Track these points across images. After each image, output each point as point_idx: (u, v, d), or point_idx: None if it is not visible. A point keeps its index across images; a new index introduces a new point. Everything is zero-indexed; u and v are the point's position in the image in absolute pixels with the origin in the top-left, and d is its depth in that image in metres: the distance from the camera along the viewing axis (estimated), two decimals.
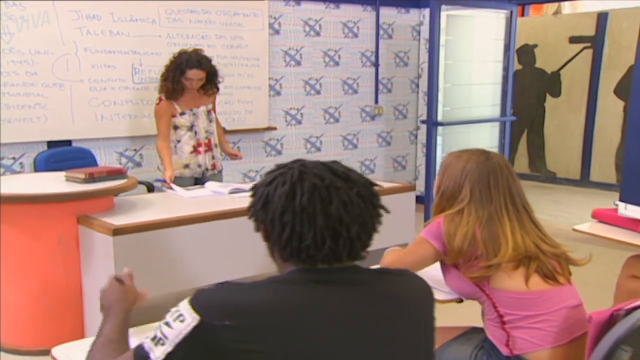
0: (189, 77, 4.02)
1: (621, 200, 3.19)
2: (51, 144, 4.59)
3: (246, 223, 1.39)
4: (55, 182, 3.37)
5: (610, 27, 7.17)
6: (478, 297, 2.02)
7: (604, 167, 7.40)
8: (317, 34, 5.83)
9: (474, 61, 5.89)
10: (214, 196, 3.73)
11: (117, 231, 2.99)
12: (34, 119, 4.48)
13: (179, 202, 3.63)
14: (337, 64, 6.00)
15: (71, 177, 3.36)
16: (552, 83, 7.57)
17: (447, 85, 5.76)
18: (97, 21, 4.67)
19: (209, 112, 4.27)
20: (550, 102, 7.67)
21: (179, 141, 4.18)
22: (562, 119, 7.62)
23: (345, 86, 6.09)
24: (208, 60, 4.12)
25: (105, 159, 4.84)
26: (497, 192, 2.03)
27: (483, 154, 2.10)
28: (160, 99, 4.13)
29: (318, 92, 5.90)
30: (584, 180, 7.57)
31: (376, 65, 6.24)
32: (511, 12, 5.79)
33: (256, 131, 5.54)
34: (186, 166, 4.19)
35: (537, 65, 7.67)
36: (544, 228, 2.09)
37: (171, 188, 3.88)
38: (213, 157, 4.31)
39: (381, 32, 6.23)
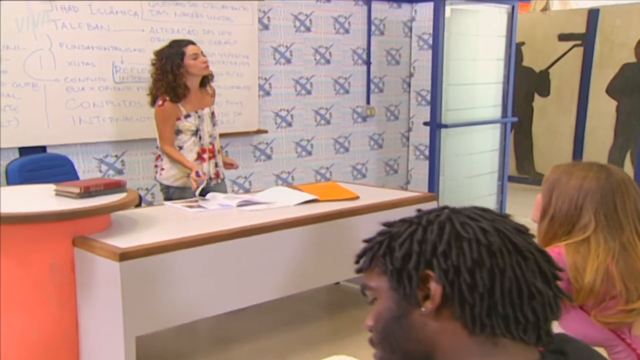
0: (191, 52, 3.61)
1: None
2: (23, 150, 4.07)
3: (263, 241, 1.08)
4: (44, 198, 2.89)
5: (601, 24, 6.99)
6: (611, 344, 1.67)
7: None
8: (308, 29, 5.45)
9: (473, 59, 5.59)
10: (222, 210, 3.31)
11: (125, 255, 2.55)
12: (4, 122, 3.96)
13: (183, 219, 3.20)
14: (328, 61, 5.63)
15: (63, 191, 2.88)
16: (540, 82, 7.36)
17: (445, 85, 5.45)
18: (73, 13, 4.17)
19: (212, 114, 3.84)
20: (538, 102, 7.46)
21: (181, 148, 3.73)
22: (551, 119, 7.42)
23: (337, 85, 5.72)
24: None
25: (84, 167, 4.34)
26: (625, 216, 1.70)
27: (602, 169, 1.76)
28: (163, 100, 3.66)
29: (309, 92, 5.52)
30: None
31: (368, 63, 5.89)
32: (513, 7, 5.51)
33: (246, 134, 5.12)
34: (190, 176, 3.75)
35: (525, 63, 7.44)
36: None
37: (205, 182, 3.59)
38: (217, 165, 3.87)
39: (373, 28, 5.88)
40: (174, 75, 3.58)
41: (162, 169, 3.80)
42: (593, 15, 7.06)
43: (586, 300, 1.64)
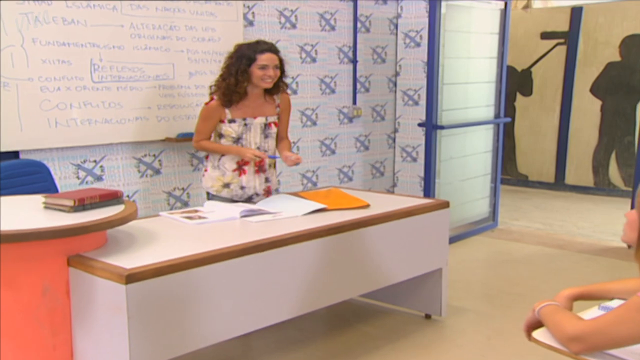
0: (262, 62, 3.33)
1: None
2: None
3: (278, 256, 0.87)
4: (31, 212, 2.56)
5: (585, 22, 6.92)
6: None
7: (580, 169, 7.16)
8: (293, 26, 5.18)
9: (466, 58, 5.41)
10: (225, 221, 3.02)
11: (132, 277, 2.25)
12: None
13: (185, 232, 2.89)
14: (314, 60, 5.37)
15: (54, 204, 2.55)
16: (523, 81, 7.25)
17: (440, 85, 5.25)
18: (47, 6, 3.81)
19: (267, 125, 3.53)
20: (521, 101, 7.35)
21: (222, 154, 3.43)
22: (534, 119, 7.32)
23: (323, 85, 5.47)
24: (276, 46, 3.49)
25: (60, 173, 3.99)
26: None
27: None
28: (211, 98, 3.44)
29: (295, 92, 5.25)
30: (559, 183, 7.31)
31: (354, 61, 5.65)
32: (505, 4, 5.35)
33: None
34: (226, 185, 3.47)
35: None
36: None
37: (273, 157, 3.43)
38: (267, 180, 3.57)
39: (359, 25, 5.65)
40: (237, 80, 3.34)
41: (206, 170, 3.60)
42: (576, 13, 6.99)
43: None
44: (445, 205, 3.55)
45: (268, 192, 3.60)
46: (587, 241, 5.28)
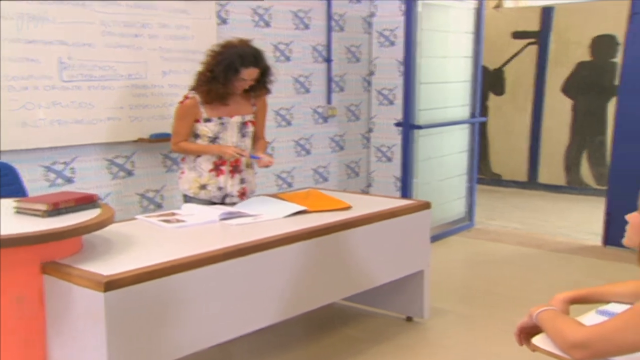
0: (242, 77, 3.27)
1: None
2: None
3: (261, 260, 0.83)
4: (2, 217, 2.43)
5: (556, 22, 6.97)
6: None
7: (552, 168, 7.21)
8: (267, 24, 5.09)
9: (442, 57, 5.39)
10: (204, 225, 2.93)
11: (111, 284, 2.15)
12: None
13: (163, 236, 2.79)
14: (288, 59, 5.29)
15: (26, 208, 2.43)
16: (495, 81, 7.27)
17: (417, 84, 5.22)
18: (12, 2, 3.66)
19: (244, 124, 3.43)
20: (493, 100, 7.37)
21: (198, 156, 3.32)
22: (506, 118, 7.35)
23: (297, 84, 5.39)
24: (262, 55, 3.41)
25: (29, 175, 3.83)
26: None
27: None
28: (186, 97, 3.34)
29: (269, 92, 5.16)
30: (532, 182, 7.35)
31: (329, 60, 5.58)
32: (480, 3, 5.34)
33: None
34: (203, 187, 3.36)
35: None
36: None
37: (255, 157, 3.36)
38: (243, 181, 3.47)
39: (332, 23, 5.58)
40: (225, 88, 3.28)
41: (182, 172, 3.49)
42: (547, 13, 7.03)
43: None
44: (427, 206, 3.50)
45: (243, 194, 3.50)
46: (564, 240, 5.30)
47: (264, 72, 3.42)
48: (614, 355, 1.50)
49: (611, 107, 6.65)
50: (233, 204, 3.39)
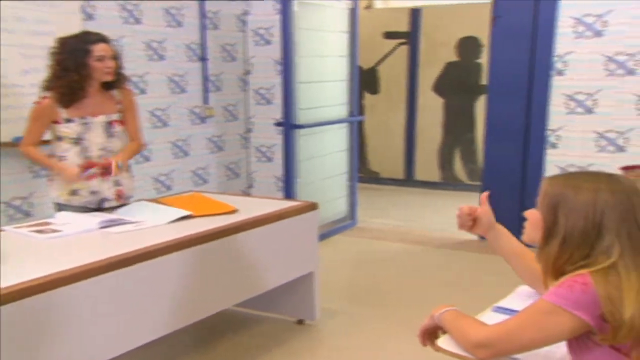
0: (98, 54, 2.99)
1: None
2: None
3: (147, 269, 0.74)
4: None
5: (424, 23, 7.17)
6: None
7: (427, 165, 7.42)
8: (137, 21, 4.82)
9: (319, 56, 5.36)
10: (83, 234, 2.68)
11: (7, 297, 1.90)
12: None
13: (37, 248, 2.52)
14: (161, 57, 5.04)
15: None
16: (369, 80, 7.37)
17: (296, 83, 5.15)
18: None
19: (109, 124, 3.14)
20: (368, 99, 7.47)
21: (63, 157, 3.04)
22: (382, 117, 7.48)
23: (172, 84, 5.15)
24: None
25: None
26: None
27: (612, 179, 1.51)
28: (43, 98, 3.04)
29: (143, 91, 4.89)
30: (409, 179, 7.52)
31: (204, 59, 5.39)
32: (355, 2, 5.36)
33: None
34: (74, 192, 3.05)
35: None
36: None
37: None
38: (117, 183, 3.18)
39: (207, 21, 5.40)
40: (80, 75, 2.98)
41: (50, 179, 3.19)
42: (415, 14, 7.23)
43: (626, 339, 1.37)
44: (314, 207, 3.43)
45: (120, 197, 3.26)
46: (444, 236, 5.43)
47: (116, 58, 3.16)
48: (516, 353, 1.51)
49: (479, 105, 6.95)
50: (112, 209, 3.14)
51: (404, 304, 3.90)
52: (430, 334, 1.73)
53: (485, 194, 1.90)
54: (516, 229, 1.82)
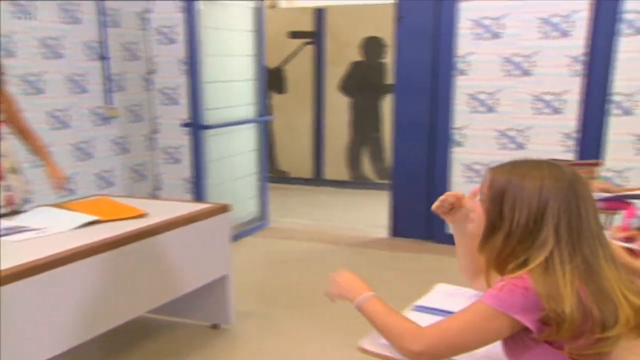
0: None
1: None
2: None
3: (52, 278, 0.72)
4: None
5: (330, 23, 7.22)
6: None
7: (336, 164, 7.47)
8: (30, 16, 4.57)
9: (225, 55, 5.28)
10: None
11: None
12: None
13: None
14: (59, 56, 4.81)
15: None
16: (275, 79, 7.34)
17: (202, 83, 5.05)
18: None
19: None
20: (276, 99, 7.44)
21: None
22: (290, 117, 7.47)
23: (71, 84, 4.92)
24: None
25: None
26: (587, 223, 1.42)
27: (553, 166, 1.46)
28: None
29: (40, 91, 4.65)
30: (318, 178, 7.55)
31: (105, 58, 5.19)
32: (261, 1, 5.32)
33: None
34: None
35: None
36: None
37: None
38: (8, 188, 2.96)
39: (107, 19, 5.19)
40: None
41: None
42: (320, 14, 7.27)
43: (567, 333, 1.35)
44: (226, 209, 3.36)
45: (10, 203, 3.07)
46: (356, 234, 5.47)
47: None
48: (456, 355, 1.48)
49: (385, 104, 7.07)
50: (2, 216, 2.95)
51: (319, 304, 3.89)
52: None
53: (475, 189, 1.78)
54: (424, 224, 1.83)
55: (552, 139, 4.68)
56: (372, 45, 7.07)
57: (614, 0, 4.30)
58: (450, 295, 2.00)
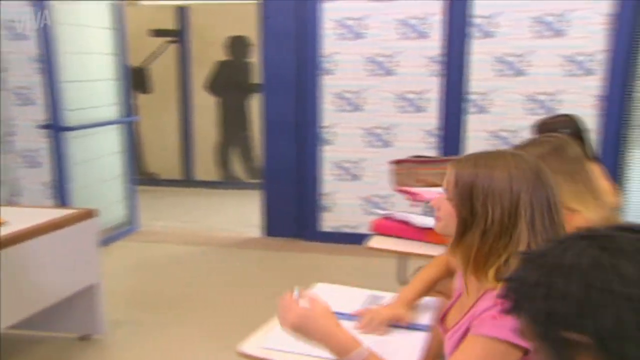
0: None
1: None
2: None
3: None
4: None
5: (194, 22, 7.11)
6: None
7: (206, 165, 7.37)
8: None
9: (83, 54, 5.04)
10: None
11: None
12: None
13: None
14: None
15: None
16: (139, 79, 7.11)
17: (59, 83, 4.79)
18: None
19: None
20: (141, 99, 7.21)
21: None
22: (156, 117, 7.27)
23: None
24: None
25: None
26: (556, 214, 1.38)
27: (516, 157, 1.41)
28: None
29: None
30: (188, 179, 7.42)
31: None
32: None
33: None
34: None
35: None
36: None
37: None
38: None
39: None
40: None
41: None
42: (183, 12, 7.15)
43: None
44: (92, 214, 3.22)
45: None
46: (229, 235, 5.42)
47: None
48: None
49: (253, 104, 7.07)
50: None
51: (194, 307, 3.84)
52: None
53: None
54: (295, 223, 1.82)
55: (416, 136, 4.91)
56: (238, 45, 7.04)
57: (464, 3, 4.57)
58: (339, 297, 1.95)
